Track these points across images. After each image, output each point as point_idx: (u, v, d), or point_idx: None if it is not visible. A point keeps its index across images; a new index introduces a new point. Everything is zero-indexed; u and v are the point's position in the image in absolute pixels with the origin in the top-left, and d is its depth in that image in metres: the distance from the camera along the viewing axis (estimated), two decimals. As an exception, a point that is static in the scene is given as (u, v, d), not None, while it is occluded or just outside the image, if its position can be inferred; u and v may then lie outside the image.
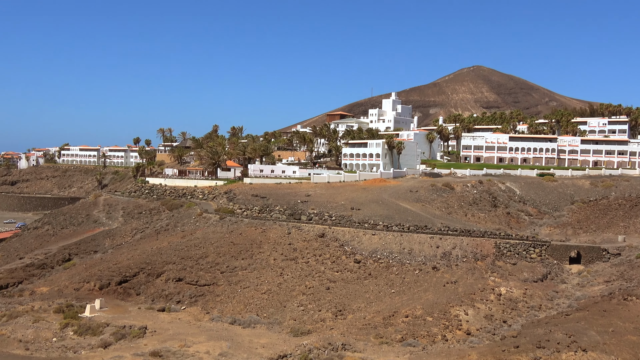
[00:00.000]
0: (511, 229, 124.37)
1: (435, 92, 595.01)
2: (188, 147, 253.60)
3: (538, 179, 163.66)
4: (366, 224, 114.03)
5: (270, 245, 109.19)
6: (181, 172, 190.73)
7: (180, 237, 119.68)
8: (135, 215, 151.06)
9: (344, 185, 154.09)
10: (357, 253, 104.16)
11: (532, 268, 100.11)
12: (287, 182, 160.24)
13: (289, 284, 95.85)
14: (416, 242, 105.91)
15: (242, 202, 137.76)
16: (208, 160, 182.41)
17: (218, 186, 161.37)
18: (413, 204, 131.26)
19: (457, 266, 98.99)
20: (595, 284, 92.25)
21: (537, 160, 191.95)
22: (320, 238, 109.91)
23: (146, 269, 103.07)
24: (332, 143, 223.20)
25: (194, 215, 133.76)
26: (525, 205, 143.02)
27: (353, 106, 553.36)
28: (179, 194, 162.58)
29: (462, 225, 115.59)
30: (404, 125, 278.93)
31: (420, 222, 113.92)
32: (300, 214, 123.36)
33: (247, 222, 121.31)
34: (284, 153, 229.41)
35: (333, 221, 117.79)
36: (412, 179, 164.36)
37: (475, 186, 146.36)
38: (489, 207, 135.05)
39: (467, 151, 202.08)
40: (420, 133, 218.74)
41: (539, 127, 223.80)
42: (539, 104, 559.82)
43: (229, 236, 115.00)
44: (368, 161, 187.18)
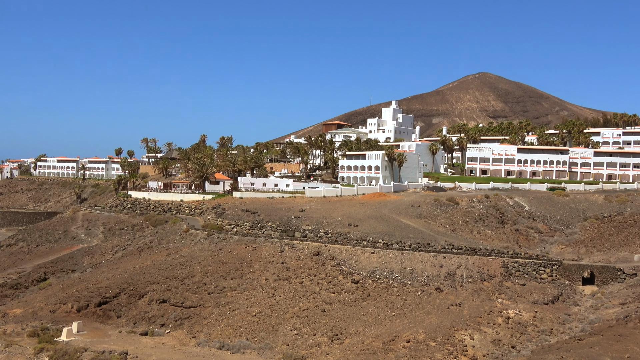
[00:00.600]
0: (520, 247, 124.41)
1: (438, 101, 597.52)
2: (174, 158, 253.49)
3: (548, 193, 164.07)
4: (365, 242, 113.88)
5: (262, 264, 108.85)
6: (166, 185, 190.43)
7: (164, 255, 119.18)
8: (117, 231, 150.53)
9: (340, 200, 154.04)
10: (355, 273, 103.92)
11: (542, 289, 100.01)
12: (280, 197, 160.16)
13: (281, 305, 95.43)
14: (418, 261, 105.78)
15: (232, 217, 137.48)
16: (195, 173, 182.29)
17: (206, 200, 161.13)
18: (415, 220, 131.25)
19: (462, 287, 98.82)
20: (610, 307, 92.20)
21: (548, 174, 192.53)
22: (316, 256, 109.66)
23: (128, 289, 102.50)
24: (328, 154, 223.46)
25: (180, 231, 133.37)
26: (535, 222, 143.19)
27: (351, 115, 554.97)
28: (163, 208, 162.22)
29: (467, 243, 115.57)
30: (405, 135, 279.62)
31: (423, 240, 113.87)
32: (294, 230, 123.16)
33: (236, 239, 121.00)
34: (276, 165, 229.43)
35: (329, 238, 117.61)
36: (413, 193, 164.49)
37: (481, 201, 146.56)
38: (496, 224, 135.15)
39: (472, 163, 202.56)
40: (423, 144, 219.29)
41: (549, 138, 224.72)
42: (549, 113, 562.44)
43: (217, 254, 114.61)
44: (367, 174, 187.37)
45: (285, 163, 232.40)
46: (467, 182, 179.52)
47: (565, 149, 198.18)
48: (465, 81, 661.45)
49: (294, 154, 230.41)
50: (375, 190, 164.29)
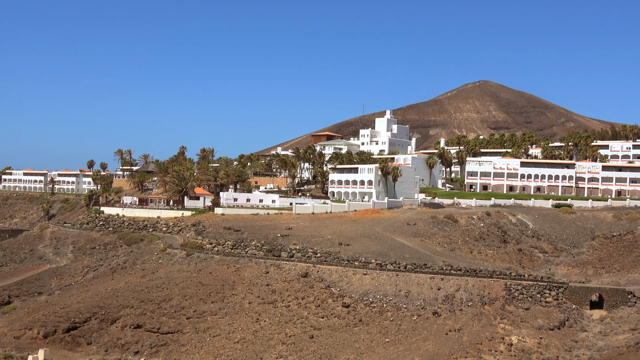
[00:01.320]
0: (523, 268, 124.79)
1: (436, 111, 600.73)
2: (150, 171, 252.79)
3: (554, 210, 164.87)
4: (356, 262, 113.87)
5: (245, 286, 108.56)
6: (142, 201, 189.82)
7: (139, 277, 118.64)
8: (88, 250, 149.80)
9: (331, 217, 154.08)
10: (346, 296, 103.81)
11: (547, 314, 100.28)
12: (265, 213, 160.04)
13: (266, 331, 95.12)
14: (414, 283, 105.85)
15: (213, 235, 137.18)
16: (174, 187, 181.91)
17: (185, 217, 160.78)
18: (410, 238, 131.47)
19: (462, 311, 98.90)
20: (620, 332, 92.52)
21: (553, 189, 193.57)
22: (303, 278, 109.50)
23: (99, 313, 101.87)
24: (317, 168, 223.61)
25: (157, 250, 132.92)
26: (539, 241, 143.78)
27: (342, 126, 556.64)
28: (139, 226, 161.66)
29: (467, 263, 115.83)
30: (400, 148, 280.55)
31: (419, 260, 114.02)
32: (280, 250, 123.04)
33: (218, 260, 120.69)
34: (261, 179, 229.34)
35: (318, 258, 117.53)
36: (409, 209, 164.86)
37: (482, 219, 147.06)
38: (498, 243, 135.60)
39: (472, 178, 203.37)
40: (419, 157, 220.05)
41: (555, 151, 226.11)
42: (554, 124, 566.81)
43: (196, 275, 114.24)
44: (359, 189, 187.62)
45: (271, 177, 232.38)
46: (466, 198, 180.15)
47: (571, 163, 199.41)
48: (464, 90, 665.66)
49: (281, 168, 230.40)
50: (368, 207, 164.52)
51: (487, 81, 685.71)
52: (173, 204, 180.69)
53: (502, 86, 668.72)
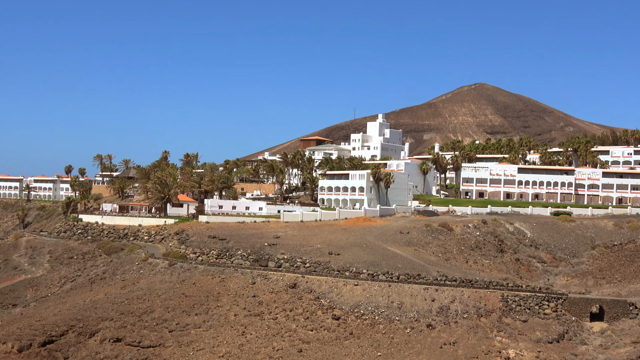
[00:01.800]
0: (521, 278, 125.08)
1: (430, 114, 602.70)
2: (131, 177, 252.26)
3: (552, 218, 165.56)
4: (347, 272, 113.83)
5: (231, 297, 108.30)
6: (122, 208, 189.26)
7: (119, 288, 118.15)
8: (65, 260, 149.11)
9: (320, 225, 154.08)
10: (336, 307, 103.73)
11: (546, 326, 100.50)
12: (251, 221, 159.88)
13: (252, 345, 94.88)
14: (407, 294, 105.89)
15: (197, 244, 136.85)
16: (156, 194, 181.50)
17: (167, 225, 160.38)
18: (404, 248, 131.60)
19: (457, 324, 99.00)
20: (622, 346, 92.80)
21: (551, 196, 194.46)
22: (292, 289, 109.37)
23: (77, 326, 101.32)
24: (306, 174, 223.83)
25: (138, 260, 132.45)
26: (538, 250, 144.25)
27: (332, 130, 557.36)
28: (119, 234, 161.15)
29: (462, 274, 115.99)
30: (393, 153, 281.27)
31: (413, 270, 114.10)
32: (268, 259, 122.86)
33: (202, 270, 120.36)
34: (248, 186, 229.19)
35: (307, 268, 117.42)
36: (402, 217, 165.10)
37: (478, 227, 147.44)
38: (495, 253, 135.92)
39: (468, 185, 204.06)
40: (413, 163, 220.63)
41: (553, 157, 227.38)
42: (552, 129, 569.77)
43: (179, 286, 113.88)
44: (350, 196, 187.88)
45: (258, 183, 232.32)
46: (462, 205, 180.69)
47: (570, 169, 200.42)
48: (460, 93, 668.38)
49: (268, 174, 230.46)
50: (359, 215, 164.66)
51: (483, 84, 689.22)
52: (155, 212, 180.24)
53: (498, 89, 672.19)
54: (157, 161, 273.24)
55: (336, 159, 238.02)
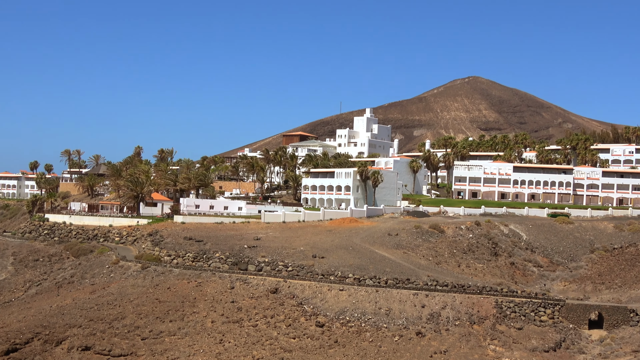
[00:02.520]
0: (516, 283, 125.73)
1: (421, 109, 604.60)
2: (102, 174, 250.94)
3: (549, 220, 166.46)
4: (332, 277, 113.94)
5: (208, 303, 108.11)
6: (92, 207, 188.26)
7: (89, 293, 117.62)
8: (30, 263, 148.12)
9: (304, 227, 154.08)
10: (320, 314, 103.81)
11: (542, 334, 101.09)
12: (230, 222, 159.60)
13: (231, 354, 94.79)
14: (396, 299, 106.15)
15: (172, 246, 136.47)
16: (128, 192, 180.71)
17: (140, 226, 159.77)
18: (392, 250, 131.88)
19: (448, 331, 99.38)
20: (621, 354, 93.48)
21: (548, 197, 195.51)
22: (273, 294, 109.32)
23: (43, 334, 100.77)
24: (289, 172, 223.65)
25: (108, 263, 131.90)
26: (534, 254, 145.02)
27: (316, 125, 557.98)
28: (88, 235, 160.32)
29: (454, 278, 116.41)
30: (381, 150, 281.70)
31: (402, 275, 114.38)
32: (247, 262, 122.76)
33: (177, 273, 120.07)
34: (227, 184, 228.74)
35: (289, 272, 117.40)
36: (391, 218, 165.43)
37: (470, 229, 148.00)
38: (488, 256, 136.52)
39: (460, 184, 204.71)
40: (402, 160, 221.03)
41: (551, 155, 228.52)
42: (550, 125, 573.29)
43: (153, 291, 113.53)
44: (335, 195, 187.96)
45: (238, 181, 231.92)
46: (454, 206, 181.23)
47: (569, 168, 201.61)
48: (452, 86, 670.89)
49: (248, 171, 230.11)
50: (345, 215, 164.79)
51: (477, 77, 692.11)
52: (127, 211, 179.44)
53: (493, 83, 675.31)
54: (130, 157, 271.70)
55: (321, 156, 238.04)
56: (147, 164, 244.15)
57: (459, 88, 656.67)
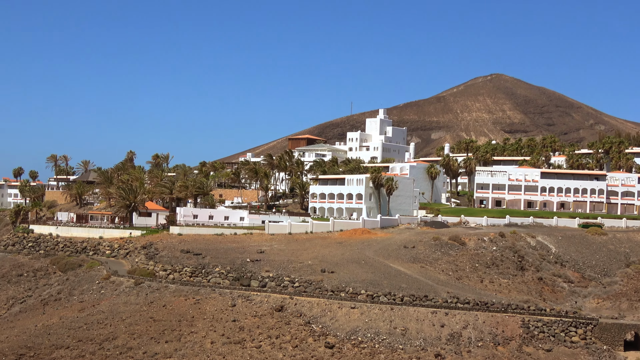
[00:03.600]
0: (544, 300, 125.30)
1: (439, 110, 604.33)
2: (91, 182, 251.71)
3: (581, 231, 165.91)
4: (343, 293, 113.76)
5: (207, 322, 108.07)
6: (81, 218, 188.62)
7: (77, 310, 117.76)
8: (14, 278, 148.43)
9: (311, 238, 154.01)
10: (330, 334, 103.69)
11: (573, 356, 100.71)
12: (231, 233, 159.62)
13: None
14: (413, 318, 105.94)
15: (168, 260, 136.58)
16: (120, 201, 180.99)
17: (133, 238, 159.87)
18: (408, 264, 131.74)
19: (470, 353, 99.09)
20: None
21: (579, 206, 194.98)
22: (278, 312, 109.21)
23: (27, 355, 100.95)
24: (295, 178, 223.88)
25: (98, 278, 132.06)
26: (564, 268, 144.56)
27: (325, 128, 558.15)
28: (77, 248, 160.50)
29: (476, 295, 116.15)
30: (395, 154, 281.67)
31: (419, 291, 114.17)
32: (250, 278, 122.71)
33: (173, 290, 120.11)
34: (227, 192, 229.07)
35: (296, 289, 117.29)
36: (407, 229, 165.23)
37: (494, 241, 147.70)
38: (514, 271, 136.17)
39: (483, 192, 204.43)
40: (419, 166, 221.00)
41: (582, 160, 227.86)
42: (580, 127, 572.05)
43: (147, 309, 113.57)
44: (346, 204, 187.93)
45: (239, 189, 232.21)
46: (476, 215, 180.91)
47: (602, 174, 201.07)
48: (473, 85, 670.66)
49: (251, 178, 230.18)
50: (357, 226, 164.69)
51: (501, 75, 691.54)
52: (119, 222, 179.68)
53: (518, 81, 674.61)
54: (121, 163, 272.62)
55: (330, 161, 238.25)
56: (141, 171, 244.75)
57: (481, 87, 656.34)
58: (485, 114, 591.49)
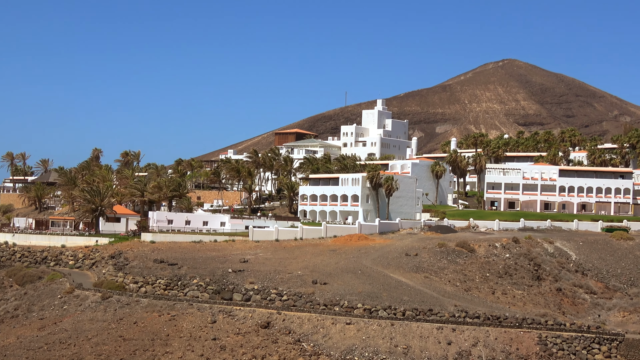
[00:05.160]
0: (564, 314, 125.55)
1: (444, 100, 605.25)
2: (52, 183, 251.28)
3: (604, 235, 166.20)
4: (337, 307, 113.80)
5: (184, 340, 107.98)
6: (41, 224, 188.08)
7: (37, 329, 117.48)
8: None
9: (301, 245, 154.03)
10: (323, 353, 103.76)
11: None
12: (211, 240, 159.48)
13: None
14: (416, 335, 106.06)
15: (139, 271, 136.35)
16: (84, 205, 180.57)
17: (100, 246, 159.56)
18: (411, 274, 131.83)
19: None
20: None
21: (603, 207, 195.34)
22: (264, 329, 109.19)
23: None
24: (282, 178, 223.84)
25: (60, 292, 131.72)
26: (585, 277, 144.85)
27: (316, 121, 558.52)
28: (36, 258, 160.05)
29: (487, 308, 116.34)
30: (396, 150, 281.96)
31: (422, 304, 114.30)
32: (232, 290, 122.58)
33: (145, 304, 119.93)
34: (206, 194, 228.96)
35: (284, 302, 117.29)
36: (408, 235, 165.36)
37: (507, 247, 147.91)
38: (530, 281, 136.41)
39: (494, 192, 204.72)
40: (422, 163, 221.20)
41: (605, 155, 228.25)
42: (604, 119, 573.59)
43: (116, 327, 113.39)
44: (340, 207, 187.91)
45: (220, 191, 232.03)
46: (486, 219, 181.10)
47: (628, 172, 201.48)
48: (483, 72, 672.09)
49: (233, 178, 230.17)
50: (353, 231, 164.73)
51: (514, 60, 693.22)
52: (84, 228, 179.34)
53: (533, 67, 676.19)
54: (86, 162, 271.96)
55: (322, 159, 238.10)
56: (108, 170, 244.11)
57: (492, 74, 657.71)
58: (496, 105, 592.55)
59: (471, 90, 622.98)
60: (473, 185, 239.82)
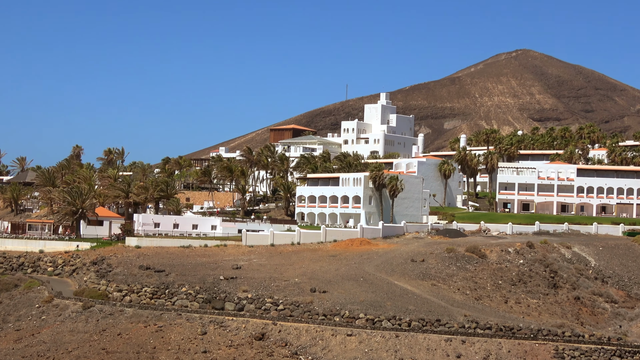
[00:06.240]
0: (582, 325, 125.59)
1: (453, 94, 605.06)
2: (29, 183, 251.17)
3: (626, 240, 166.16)
4: (337, 317, 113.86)
5: (172, 353, 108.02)
6: (17, 227, 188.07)
7: (13, 341, 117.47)
8: None
9: (299, 251, 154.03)
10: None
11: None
12: (201, 245, 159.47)
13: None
14: (422, 347, 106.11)
15: (123, 279, 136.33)
16: (64, 207, 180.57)
17: (81, 252, 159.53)
18: (417, 282, 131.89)
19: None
20: None
21: (624, 209, 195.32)
22: (259, 341, 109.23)
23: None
24: (278, 178, 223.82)
25: (38, 301, 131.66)
26: (606, 285, 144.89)
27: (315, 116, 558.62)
28: (12, 264, 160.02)
29: (499, 318, 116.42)
30: (401, 148, 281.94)
31: (430, 314, 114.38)
32: (224, 299, 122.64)
33: (130, 314, 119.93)
34: (196, 195, 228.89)
35: (280, 312, 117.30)
36: (414, 239, 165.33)
37: (521, 252, 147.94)
38: (545, 289, 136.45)
39: (507, 193, 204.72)
40: (429, 162, 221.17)
41: (627, 153, 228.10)
42: (625, 114, 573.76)
43: (98, 338, 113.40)
44: (340, 209, 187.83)
45: (211, 192, 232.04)
46: (498, 222, 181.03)
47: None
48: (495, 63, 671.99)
49: (225, 177, 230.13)
50: (354, 235, 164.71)
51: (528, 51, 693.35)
52: (63, 232, 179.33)
53: (549, 58, 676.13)
54: (66, 160, 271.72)
55: (321, 157, 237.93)
56: (90, 170, 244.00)
57: (504, 65, 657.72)
58: (509, 99, 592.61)
59: (482, 83, 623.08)
60: (484, 185, 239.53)
